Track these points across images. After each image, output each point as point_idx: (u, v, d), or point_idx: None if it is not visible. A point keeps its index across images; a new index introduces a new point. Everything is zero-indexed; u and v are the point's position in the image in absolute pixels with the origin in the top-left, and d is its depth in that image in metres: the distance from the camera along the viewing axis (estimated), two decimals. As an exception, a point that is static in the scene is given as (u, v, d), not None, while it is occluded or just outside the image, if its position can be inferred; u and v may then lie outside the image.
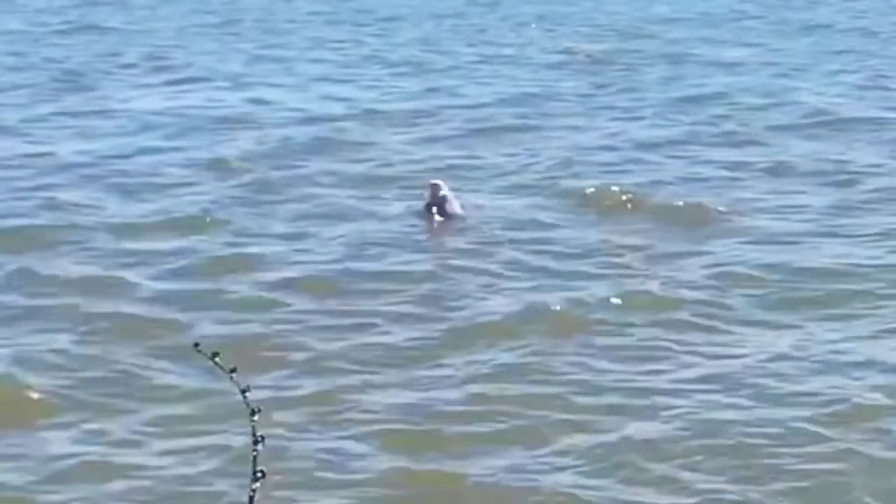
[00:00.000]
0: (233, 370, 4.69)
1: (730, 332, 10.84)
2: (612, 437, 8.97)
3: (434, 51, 25.88)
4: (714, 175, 15.81)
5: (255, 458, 4.53)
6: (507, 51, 25.91)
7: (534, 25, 29.36)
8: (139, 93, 21.68)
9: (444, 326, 11.03)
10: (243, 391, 4.65)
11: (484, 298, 11.76)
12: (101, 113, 19.92)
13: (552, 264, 12.61)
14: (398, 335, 10.86)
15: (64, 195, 15.14)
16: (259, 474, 4.50)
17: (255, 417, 4.59)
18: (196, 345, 4.88)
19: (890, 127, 18.21)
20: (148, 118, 19.48)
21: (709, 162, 16.42)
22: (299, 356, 10.44)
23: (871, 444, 8.80)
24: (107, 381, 10.08)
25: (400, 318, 11.24)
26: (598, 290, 11.74)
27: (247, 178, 15.89)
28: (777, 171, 15.91)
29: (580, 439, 8.97)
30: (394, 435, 9.11)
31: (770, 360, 10.18)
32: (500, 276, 12.37)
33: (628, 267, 12.47)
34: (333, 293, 11.88)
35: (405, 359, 10.41)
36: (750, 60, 24.24)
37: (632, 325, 10.96)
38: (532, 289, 11.89)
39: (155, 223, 14.09)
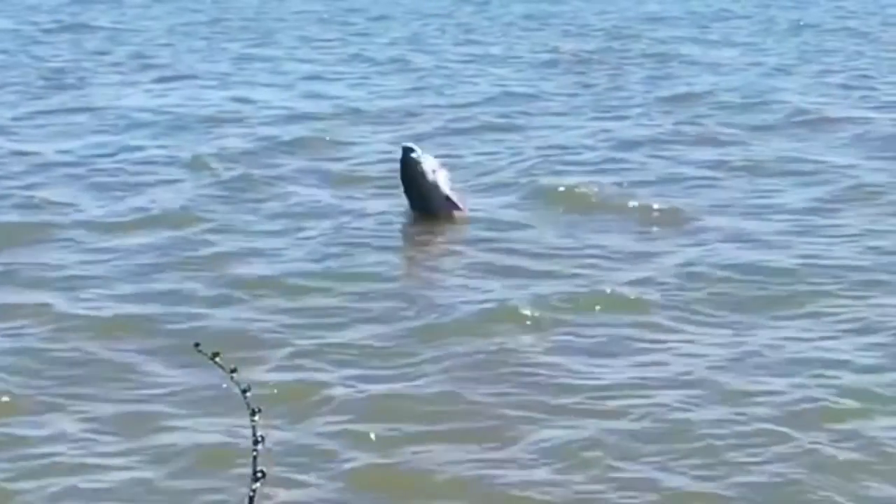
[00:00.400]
0: (233, 370, 4.67)
1: (700, 332, 10.83)
2: (581, 434, 8.96)
3: (420, 50, 25.97)
4: (693, 175, 15.81)
5: (255, 458, 4.55)
6: (494, 50, 26.00)
7: (521, 25, 29.43)
8: (124, 91, 21.78)
9: (416, 324, 11.03)
10: (244, 391, 4.64)
11: (458, 296, 11.78)
12: (85, 111, 19.99)
13: (527, 263, 12.60)
14: (370, 333, 10.86)
15: (44, 193, 15.17)
16: (259, 474, 4.48)
17: (256, 418, 4.57)
18: (196, 344, 4.88)
19: (872, 127, 18.23)
20: (132, 116, 19.55)
21: (689, 162, 16.41)
22: (272, 353, 10.46)
23: (840, 446, 8.76)
24: (80, 380, 10.08)
25: (373, 316, 11.24)
26: (571, 288, 11.75)
27: (229, 175, 15.93)
28: (756, 170, 15.90)
29: (549, 437, 8.96)
30: (363, 431, 9.11)
31: (739, 359, 10.17)
32: (474, 274, 12.39)
33: (602, 266, 12.46)
34: (309, 291, 11.89)
35: (376, 356, 10.41)
36: (736, 60, 24.33)
37: (603, 324, 10.96)
38: (506, 287, 11.89)
39: (134, 221, 14.08)
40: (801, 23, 29.18)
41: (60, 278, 12.29)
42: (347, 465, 8.68)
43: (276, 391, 9.65)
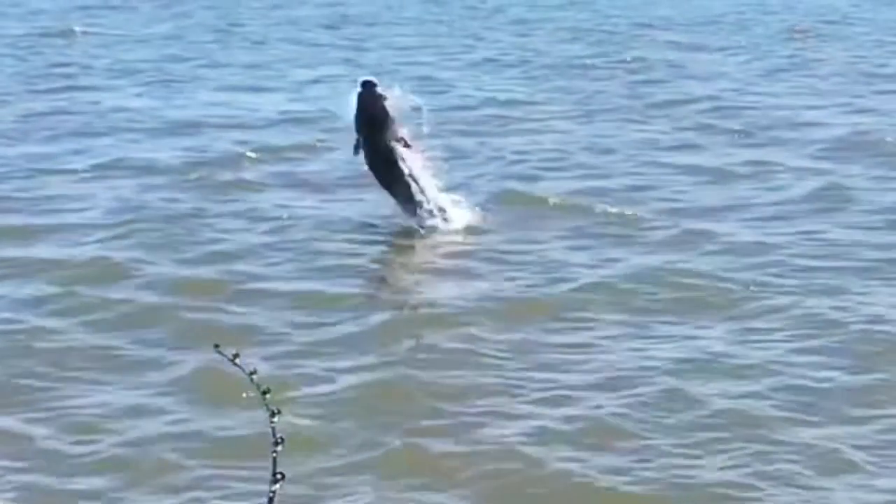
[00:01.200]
0: (252, 372, 4.71)
1: (658, 335, 10.93)
2: (530, 437, 9.09)
3: (410, 55, 26.08)
4: (665, 181, 15.90)
5: (274, 459, 4.53)
6: (484, 54, 26.12)
7: (513, 30, 29.51)
8: (110, 95, 21.90)
9: (379, 325, 11.26)
10: (264, 392, 4.67)
11: (422, 299, 12.14)
12: (72, 114, 20.22)
13: (491, 267, 12.79)
14: (338, 333, 11.10)
15: (26, 195, 15.45)
16: (279, 475, 4.50)
17: (275, 419, 4.61)
18: (216, 346, 4.91)
19: (853, 133, 18.24)
20: (122, 121, 19.78)
21: (665, 167, 16.53)
22: (247, 350, 10.51)
23: (790, 453, 8.78)
24: (44, 381, 10.22)
25: (341, 318, 11.44)
26: (532, 293, 11.94)
27: (213, 179, 16.11)
28: (731, 175, 16.00)
29: (500, 436, 9.12)
30: (330, 423, 9.32)
31: (695, 364, 10.25)
32: (440, 277, 12.71)
33: (565, 270, 12.56)
34: (282, 292, 12.08)
35: (341, 354, 10.63)
36: (724, 66, 24.37)
37: (560, 330, 11.09)
38: (470, 289, 12.12)
39: (118, 223, 14.24)
40: (795, 29, 29.18)
41: (35, 280, 12.45)
42: (319, 457, 8.78)
43: (250, 387, 9.71)
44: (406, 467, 8.74)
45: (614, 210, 14.38)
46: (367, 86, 14.04)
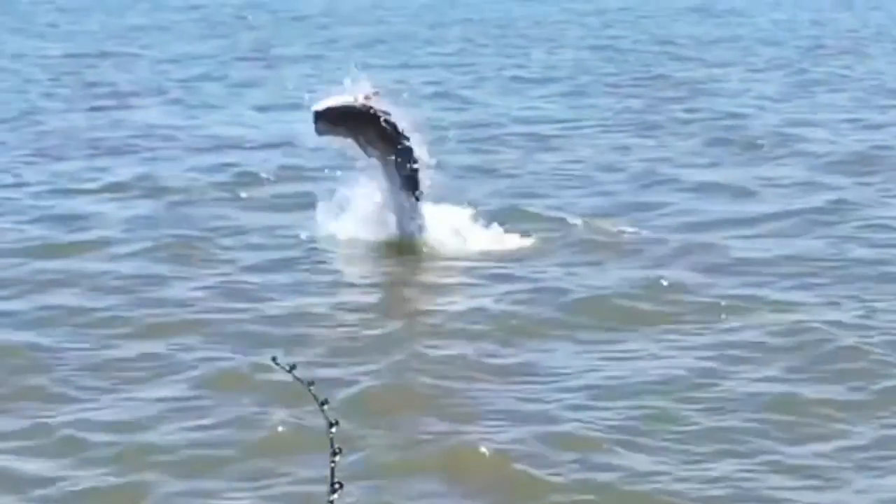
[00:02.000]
0: (310, 383, 4.85)
1: (647, 350, 11.03)
2: (497, 445, 9.19)
3: (440, 75, 26.36)
4: (680, 198, 16.00)
5: (332, 469, 4.63)
6: (515, 73, 26.34)
7: (539, 46, 29.70)
8: (144, 115, 22.28)
9: (381, 335, 11.51)
10: (322, 403, 4.80)
11: (424, 311, 12.39)
12: (106, 133, 20.61)
13: (478, 280, 13.06)
14: (343, 341, 11.37)
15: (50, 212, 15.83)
16: (337, 485, 4.59)
17: (333, 430, 4.71)
18: (273, 358, 5.08)
19: (871, 147, 18.37)
20: (151, 140, 20.09)
21: (680, 182, 16.67)
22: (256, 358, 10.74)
23: (768, 472, 8.79)
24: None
25: (348, 328, 11.74)
26: (531, 307, 12.09)
27: (232, 198, 16.44)
28: (744, 192, 16.08)
29: (474, 440, 9.29)
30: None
31: (678, 380, 10.32)
32: (446, 289, 12.98)
33: (562, 285, 12.69)
34: (291, 305, 12.32)
35: (345, 362, 10.86)
36: (752, 83, 24.44)
37: (550, 343, 11.23)
38: (453, 303, 12.45)
39: (137, 239, 14.51)
40: (802, 41, 29.11)
41: (50, 295, 12.73)
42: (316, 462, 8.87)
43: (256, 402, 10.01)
44: (401, 474, 8.92)
45: (631, 228, 14.44)
46: (317, 116, 13.95)
